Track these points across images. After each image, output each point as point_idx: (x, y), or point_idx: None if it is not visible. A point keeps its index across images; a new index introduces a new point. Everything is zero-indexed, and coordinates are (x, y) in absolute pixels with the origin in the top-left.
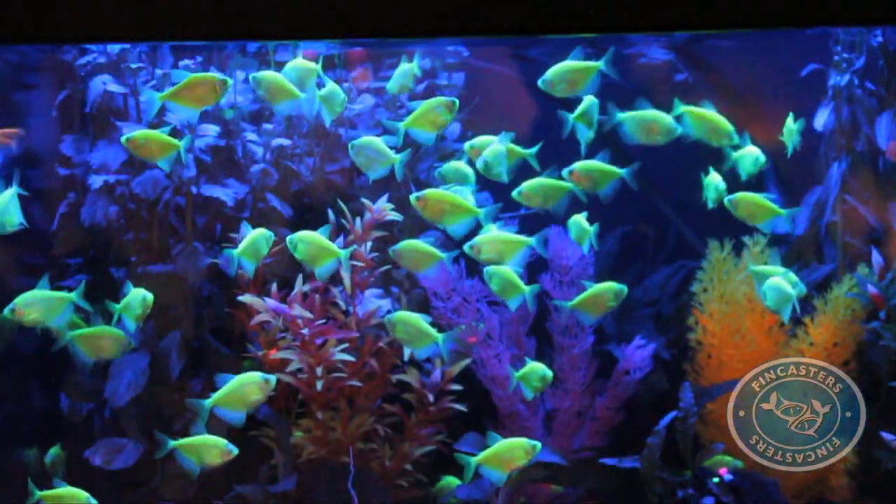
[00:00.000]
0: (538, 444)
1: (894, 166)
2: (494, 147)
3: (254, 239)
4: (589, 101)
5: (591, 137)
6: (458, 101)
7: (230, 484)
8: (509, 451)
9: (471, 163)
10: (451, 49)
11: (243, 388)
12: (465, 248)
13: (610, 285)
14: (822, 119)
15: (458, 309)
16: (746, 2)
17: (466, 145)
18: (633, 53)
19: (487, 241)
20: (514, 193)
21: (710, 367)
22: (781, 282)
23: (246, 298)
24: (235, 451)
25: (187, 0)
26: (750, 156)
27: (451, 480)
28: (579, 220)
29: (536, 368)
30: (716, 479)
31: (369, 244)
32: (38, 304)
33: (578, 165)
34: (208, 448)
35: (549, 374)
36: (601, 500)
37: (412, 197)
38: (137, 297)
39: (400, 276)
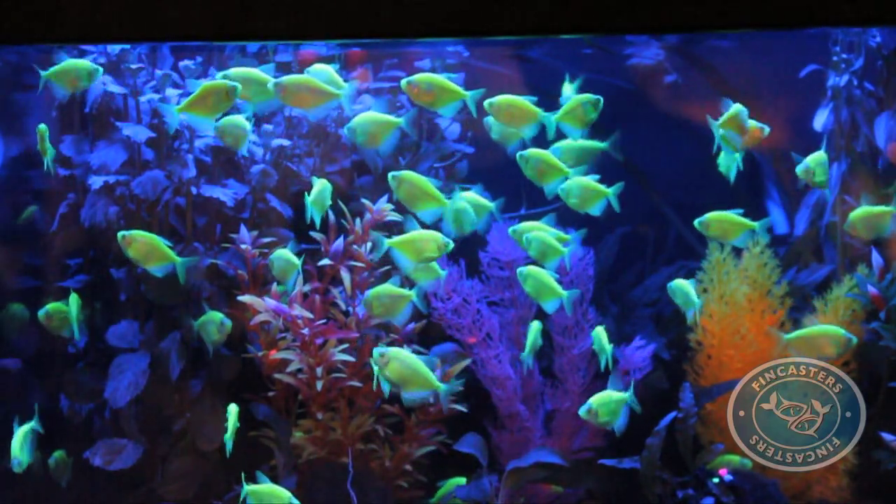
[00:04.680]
0: None
1: (894, 166)
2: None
3: (321, 188)
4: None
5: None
6: (602, 100)
7: (230, 484)
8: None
9: None
10: (451, 49)
11: None
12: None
13: None
14: (821, 120)
15: (458, 309)
16: (746, 2)
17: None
18: (628, 54)
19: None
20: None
21: (709, 368)
22: None
23: (246, 298)
24: (452, 244)
25: (187, 0)
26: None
27: (452, 482)
28: (540, 237)
29: (613, 396)
30: (716, 480)
31: (369, 245)
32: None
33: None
34: (426, 241)
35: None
36: (601, 500)
37: (390, 175)
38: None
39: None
